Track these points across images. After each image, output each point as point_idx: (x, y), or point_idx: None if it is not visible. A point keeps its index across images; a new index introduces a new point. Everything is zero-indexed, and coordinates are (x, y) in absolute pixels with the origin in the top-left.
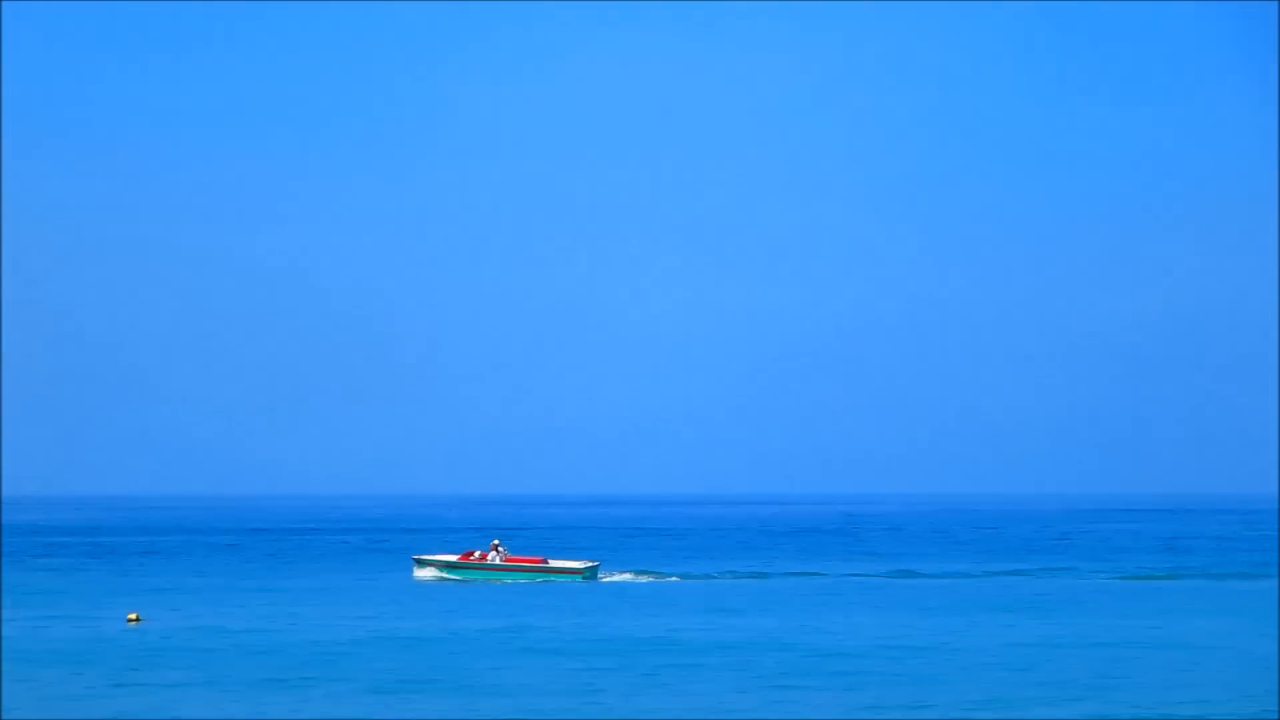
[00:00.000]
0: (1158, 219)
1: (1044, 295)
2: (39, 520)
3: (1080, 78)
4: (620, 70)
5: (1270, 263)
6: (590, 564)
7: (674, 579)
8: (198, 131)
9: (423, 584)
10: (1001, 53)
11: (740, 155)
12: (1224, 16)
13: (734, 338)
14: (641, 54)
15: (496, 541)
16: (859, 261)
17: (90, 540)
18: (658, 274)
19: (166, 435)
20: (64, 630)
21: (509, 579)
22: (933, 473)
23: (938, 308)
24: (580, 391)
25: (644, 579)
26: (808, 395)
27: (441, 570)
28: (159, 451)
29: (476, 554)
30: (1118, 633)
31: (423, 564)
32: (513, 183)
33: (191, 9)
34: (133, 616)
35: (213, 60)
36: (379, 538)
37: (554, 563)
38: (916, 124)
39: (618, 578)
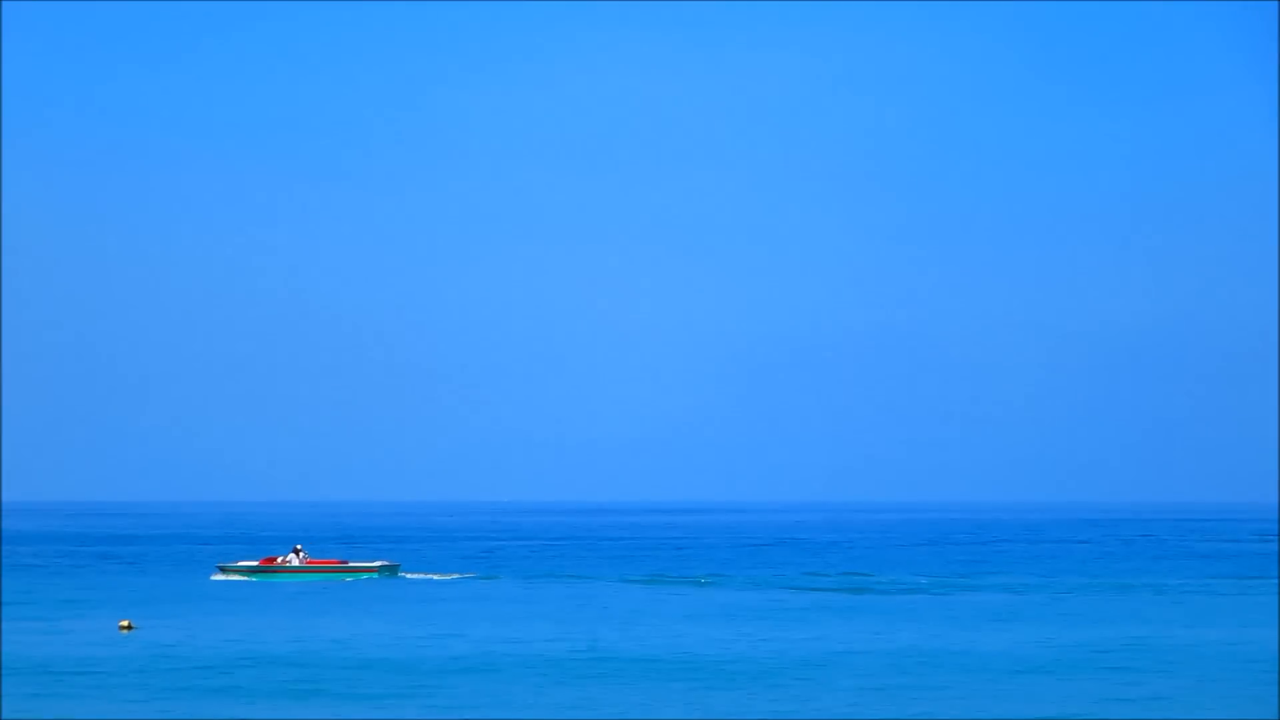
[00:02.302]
0: (1156, 222)
1: (1042, 300)
2: (37, 527)
3: (1078, 80)
4: (613, 78)
5: (1271, 265)
6: (388, 564)
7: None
8: (193, 140)
9: (217, 584)
10: (996, 55)
11: (734, 162)
12: (1224, 16)
13: (728, 346)
14: (634, 60)
15: (298, 546)
16: (855, 268)
17: (87, 548)
18: (649, 282)
19: (166, 443)
20: (58, 637)
21: (306, 579)
22: (928, 481)
23: (934, 315)
24: (574, 399)
25: (444, 576)
26: (803, 403)
27: (242, 574)
28: (159, 459)
29: (279, 559)
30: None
31: (225, 569)
32: (506, 191)
33: (184, 16)
34: (125, 624)
35: (205, 70)
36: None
37: (352, 564)
38: (913, 128)
39: (432, 576)
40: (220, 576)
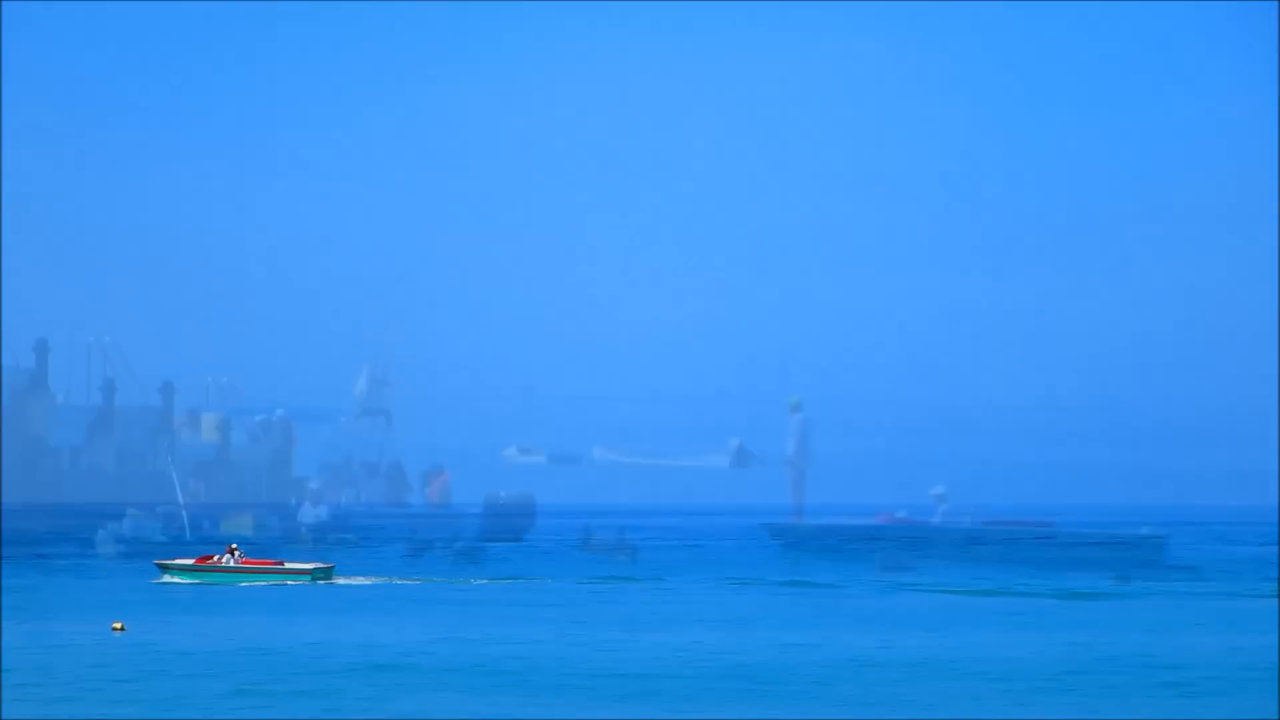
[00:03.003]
0: (1155, 222)
1: (1041, 301)
2: (37, 528)
3: (1079, 80)
4: (612, 78)
5: (1271, 266)
6: (322, 565)
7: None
8: (193, 139)
9: (162, 586)
10: (996, 55)
11: (734, 163)
12: (1224, 16)
13: (727, 347)
14: (634, 60)
15: (234, 546)
16: (855, 269)
17: (84, 548)
18: (649, 283)
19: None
20: (56, 638)
21: (243, 580)
22: (927, 483)
23: (933, 315)
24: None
25: (371, 580)
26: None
27: (179, 574)
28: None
29: (215, 558)
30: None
31: (165, 569)
32: (505, 191)
33: (184, 16)
34: (118, 625)
35: (205, 69)
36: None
37: (288, 564)
38: (913, 128)
39: (356, 580)
40: (163, 579)
